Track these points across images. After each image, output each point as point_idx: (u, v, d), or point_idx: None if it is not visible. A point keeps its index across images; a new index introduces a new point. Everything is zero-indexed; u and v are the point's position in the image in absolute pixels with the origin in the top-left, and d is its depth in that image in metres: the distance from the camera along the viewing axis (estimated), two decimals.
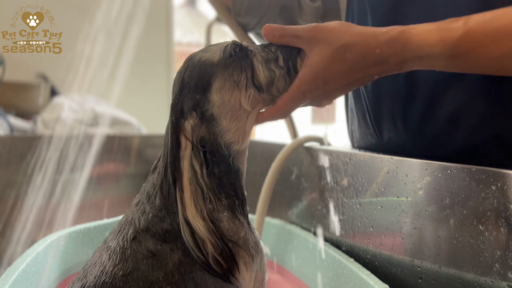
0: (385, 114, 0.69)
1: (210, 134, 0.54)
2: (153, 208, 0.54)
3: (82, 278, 0.52)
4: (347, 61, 0.50)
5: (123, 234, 0.54)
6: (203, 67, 0.54)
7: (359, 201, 0.73)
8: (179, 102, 0.54)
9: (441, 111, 0.61)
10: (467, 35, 0.47)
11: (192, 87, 0.54)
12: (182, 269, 0.50)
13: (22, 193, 1.32)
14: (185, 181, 0.51)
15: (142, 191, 0.57)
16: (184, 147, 0.52)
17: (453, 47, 0.47)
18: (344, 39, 0.50)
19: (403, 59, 0.49)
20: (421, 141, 0.65)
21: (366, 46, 0.49)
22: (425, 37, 0.48)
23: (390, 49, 0.49)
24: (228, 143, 0.55)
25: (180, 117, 0.53)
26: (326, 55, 0.51)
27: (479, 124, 0.59)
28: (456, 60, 0.49)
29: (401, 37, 0.49)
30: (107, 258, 0.51)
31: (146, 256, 0.50)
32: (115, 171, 1.46)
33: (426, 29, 0.49)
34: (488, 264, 0.52)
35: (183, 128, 0.52)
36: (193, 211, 0.50)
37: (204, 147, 0.54)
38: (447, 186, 0.57)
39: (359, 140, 0.80)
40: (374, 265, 0.70)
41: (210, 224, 0.50)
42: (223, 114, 0.54)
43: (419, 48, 0.48)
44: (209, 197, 0.52)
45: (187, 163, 0.51)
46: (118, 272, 0.49)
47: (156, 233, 0.52)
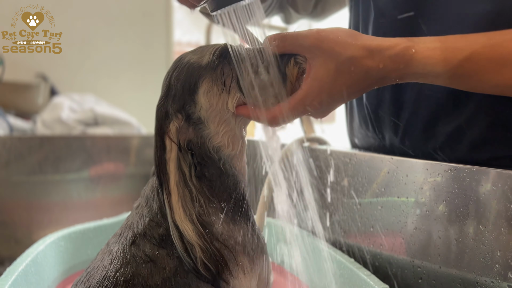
0: (387, 122, 0.69)
1: (198, 137, 0.53)
2: (150, 213, 0.53)
3: (85, 281, 0.52)
4: (352, 74, 0.49)
5: (123, 238, 0.54)
6: (191, 69, 0.53)
7: (359, 201, 0.73)
8: (165, 104, 0.53)
9: (444, 123, 0.61)
10: (470, 58, 0.47)
11: (179, 89, 0.53)
12: (178, 275, 0.50)
13: (21, 193, 1.32)
14: (172, 184, 0.50)
15: (142, 194, 0.57)
16: (170, 149, 0.51)
17: (456, 68, 0.47)
18: (350, 52, 0.48)
19: (404, 74, 0.49)
20: (423, 150, 0.65)
21: (371, 61, 0.48)
22: (429, 56, 0.48)
23: (393, 64, 0.48)
24: (216, 147, 0.54)
25: (165, 118, 0.52)
26: (332, 69, 0.49)
27: (481, 138, 0.59)
28: (457, 81, 0.49)
29: (405, 54, 0.48)
30: (109, 262, 0.52)
31: (145, 261, 0.50)
32: (114, 171, 1.46)
33: (431, 47, 0.48)
34: (489, 264, 0.51)
35: (168, 130, 0.51)
36: (181, 214, 0.49)
37: (192, 150, 0.53)
38: (448, 186, 0.57)
39: (360, 141, 0.80)
40: (375, 266, 0.70)
41: (199, 227, 0.49)
42: (211, 117, 0.53)
43: (422, 66, 0.48)
44: (199, 200, 0.51)
45: (173, 165, 0.50)
46: (120, 277, 0.49)
47: (153, 238, 0.52)
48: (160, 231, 0.52)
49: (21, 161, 1.29)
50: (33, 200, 1.32)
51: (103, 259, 0.53)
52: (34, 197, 1.33)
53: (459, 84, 0.50)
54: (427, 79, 0.49)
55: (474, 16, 0.55)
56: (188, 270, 0.50)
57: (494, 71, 0.46)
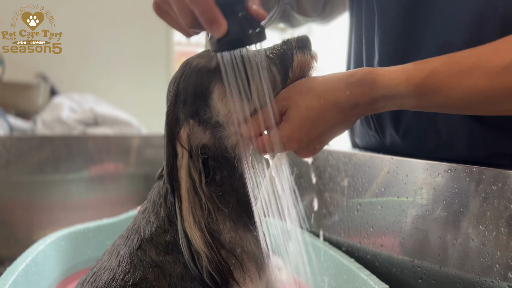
0: (388, 121, 0.69)
1: (215, 139, 0.53)
2: (157, 219, 0.53)
3: (92, 281, 0.52)
4: (323, 107, 0.50)
5: (130, 241, 0.54)
6: (200, 73, 0.52)
7: (359, 201, 0.73)
8: (175, 110, 0.52)
9: (443, 121, 0.61)
10: (431, 75, 0.48)
11: (189, 94, 0.52)
12: (184, 281, 0.50)
13: (21, 193, 1.32)
14: (183, 191, 0.50)
15: (149, 198, 0.57)
16: (181, 156, 0.50)
17: (419, 87, 0.48)
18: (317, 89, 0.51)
19: (373, 98, 0.50)
20: (424, 149, 0.65)
21: (337, 90, 0.50)
22: (391, 77, 0.49)
23: (359, 89, 0.49)
24: (234, 145, 0.54)
25: (175, 125, 0.51)
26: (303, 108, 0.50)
27: (480, 135, 0.59)
28: (423, 100, 0.49)
29: (367, 78, 0.49)
30: (116, 264, 0.52)
31: (151, 266, 0.51)
32: (114, 171, 1.46)
33: (392, 70, 0.50)
34: (489, 264, 0.51)
35: (179, 137, 0.51)
36: (191, 222, 0.49)
37: (205, 154, 0.53)
38: (448, 186, 0.57)
39: (361, 140, 0.80)
40: (375, 265, 0.70)
41: (207, 236, 0.49)
42: (230, 120, 0.52)
43: (386, 88, 0.49)
44: (208, 208, 0.51)
45: (185, 172, 0.50)
46: (128, 281, 0.50)
47: (159, 244, 0.52)
48: (167, 238, 0.52)
49: (21, 161, 1.29)
50: (33, 200, 1.32)
51: (109, 260, 0.53)
52: (34, 197, 1.33)
53: (428, 104, 0.50)
54: (397, 102, 0.50)
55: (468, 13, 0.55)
56: (193, 277, 0.50)
57: (457, 86, 0.47)
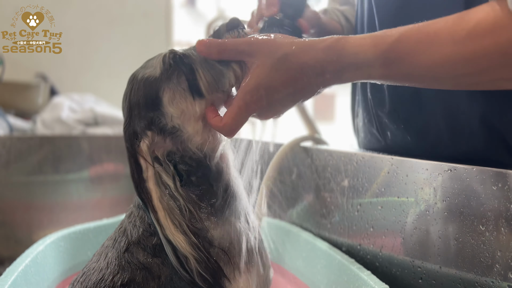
0: (389, 117, 0.69)
1: (178, 144, 0.53)
2: (142, 223, 0.54)
3: (82, 281, 0.53)
4: (287, 70, 0.50)
5: (117, 243, 0.54)
6: (147, 84, 0.52)
7: (359, 201, 0.73)
8: (131, 125, 0.53)
9: (443, 116, 0.61)
10: (399, 40, 0.48)
11: (142, 107, 0.52)
12: (173, 283, 0.50)
13: (21, 193, 1.32)
14: (155, 202, 0.50)
15: (134, 203, 0.57)
16: (146, 168, 0.51)
17: (386, 53, 0.48)
18: (284, 49, 0.50)
19: (340, 67, 0.50)
20: (425, 146, 0.65)
21: (304, 55, 0.50)
22: (359, 44, 0.49)
23: (326, 56, 0.49)
24: (199, 144, 0.54)
25: (134, 139, 0.52)
26: (267, 65, 0.50)
27: (480, 129, 0.59)
28: (390, 68, 0.49)
29: (336, 45, 0.49)
30: (105, 265, 0.52)
31: (139, 268, 0.51)
32: (114, 171, 1.46)
33: (361, 37, 0.50)
34: (489, 264, 0.51)
35: (140, 150, 0.51)
36: (172, 228, 0.49)
37: (173, 160, 0.53)
38: (448, 186, 0.57)
39: (363, 139, 0.80)
40: (375, 266, 0.70)
41: (192, 237, 0.49)
42: (185, 122, 0.53)
43: (353, 55, 0.49)
44: (189, 209, 0.51)
45: (152, 183, 0.50)
46: (117, 282, 0.50)
47: (147, 247, 0.52)
48: (154, 241, 0.52)
49: (21, 161, 1.30)
50: (33, 200, 1.33)
51: (98, 261, 0.54)
52: (34, 197, 1.33)
53: (394, 74, 0.50)
54: (364, 72, 0.50)
55: None
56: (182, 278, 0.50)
57: (423, 51, 0.47)
